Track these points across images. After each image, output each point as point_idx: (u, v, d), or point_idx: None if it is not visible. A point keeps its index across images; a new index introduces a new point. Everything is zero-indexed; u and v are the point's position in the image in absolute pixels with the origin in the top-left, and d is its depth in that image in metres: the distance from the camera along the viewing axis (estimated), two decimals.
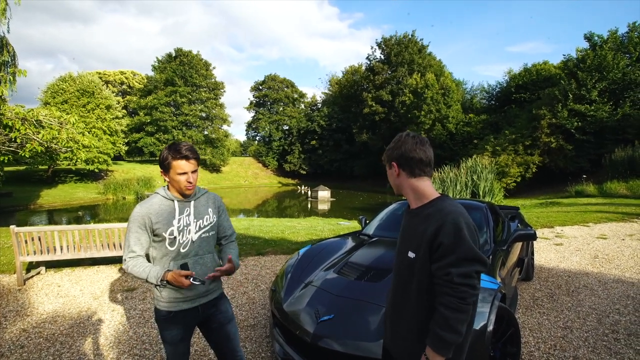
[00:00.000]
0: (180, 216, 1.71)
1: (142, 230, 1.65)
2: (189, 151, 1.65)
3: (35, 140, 9.29)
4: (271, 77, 50.81)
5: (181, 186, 1.67)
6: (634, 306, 3.64)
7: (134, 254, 1.65)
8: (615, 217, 9.33)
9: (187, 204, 1.75)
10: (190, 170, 1.67)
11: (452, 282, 1.11)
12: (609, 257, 5.54)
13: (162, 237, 1.67)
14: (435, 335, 1.13)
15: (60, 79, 27.06)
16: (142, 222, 1.65)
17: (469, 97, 36.89)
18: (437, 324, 1.14)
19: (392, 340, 1.36)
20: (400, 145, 1.32)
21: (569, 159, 20.22)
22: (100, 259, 5.36)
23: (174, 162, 1.63)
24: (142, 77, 47.28)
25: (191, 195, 1.75)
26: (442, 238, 1.15)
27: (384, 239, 3.48)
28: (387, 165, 1.38)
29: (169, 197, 1.73)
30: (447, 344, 1.12)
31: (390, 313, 1.39)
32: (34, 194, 21.13)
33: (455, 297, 1.11)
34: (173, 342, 1.75)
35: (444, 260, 1.14)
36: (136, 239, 1.65)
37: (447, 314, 1.11)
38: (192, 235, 1.74)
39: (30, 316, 3.55)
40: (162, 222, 1.67)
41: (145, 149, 38.12)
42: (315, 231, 8.05)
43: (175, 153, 1.63)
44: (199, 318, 1.80)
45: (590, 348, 2.83)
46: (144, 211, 1.66)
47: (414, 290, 1.25)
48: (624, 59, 19.75)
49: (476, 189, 15.13)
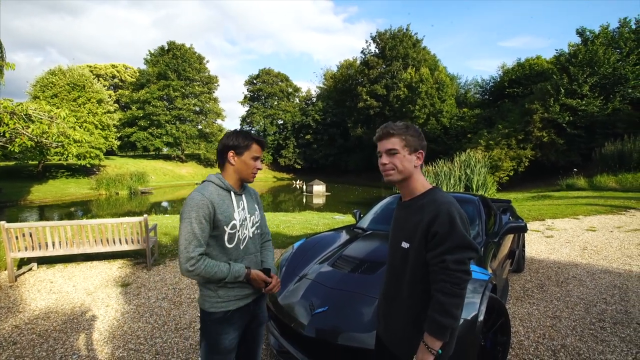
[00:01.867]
0: (238, 209, 1.59)
1: (205, 221, 1.45)
2: (262, 138, 1.64)
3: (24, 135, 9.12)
4: (265, 71, 50.38)
5: (251, 171, 1.59)
6: (620, 296, 3.74)
7: (202, 250, 1.44)
8: (604, 209, 9.50)
9: (240, 197, 1.63)
10: (261, 156, 1.64)
11: (448, 268, 1.15)
12: (598, 248, 5.66)
13: (221, 231, 1.51)
14: (433, 320, 1.16)
15: (50, 72, 26.51)
16: (206, 212, 1.44)
17: (463, 92, 37.02)
18: (434, 309, 1.16)
19: (385, 329, 1.39)
20: (423, 137, 1.35)
21: (560, 152, 20.48)
22: (94, 254, 5.33)
23: (254, 144, 1.57)
24: (134, 71, 46.56)
25: (242, 187, 1.67)
26: (437, 227, 1.18)
27: (378, 232, 3.51)
28: (406, 150, 1.29)
29: (225, 186, 1.57)
30: (445, 329, 1.15)
31: (383, 303, 1.42)
32: (24, 189, 20.80)
33: (451, 282, 1.15)
34: (229, 348, 1.56)
35: (439, 248, 1.17)
36: (200, 231, 1.43)
37: (443, 300, 1.15)
38: (249, 231, 1.63)
39: (23, 313, 3.52)
40: (223, 213, 1.51)
41: (138, 143, 37.71)
42: (310, 225, 8.07)
43: (253, 136, 1.59)
44: (249, 317, 1.66)
45: (577, 336, 2.90)
46: (207, 198, 1.46)
47: (407, 280, 1.28)
48: (615, 54, 19.95)
49: (470, 183, 15.27)
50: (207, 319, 1.56)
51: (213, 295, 1.54)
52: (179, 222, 1.50)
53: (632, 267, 4.66)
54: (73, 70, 26.94)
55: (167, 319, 3.32)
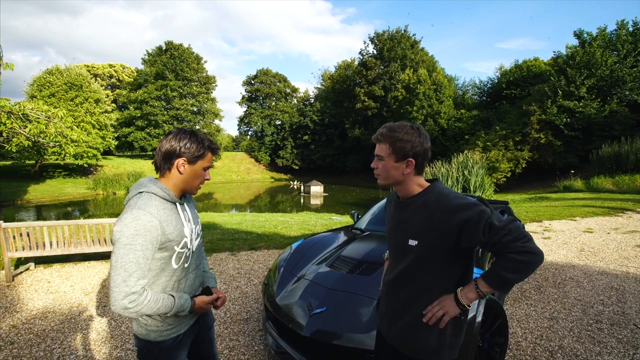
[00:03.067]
0: (185, 222, 1.38)
1: (152, 247, 1.23)
2: (214, 143, 1.42)
3: (22, 135, 9.08)
4: (263, 72, 50.38)
5: (198, 183, 1.40)
6: (617, 297, 3.76)
7: (144, 282, 1.21)
8: (601, 211, 9.55)
9: (183, 206, 1.42)
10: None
11: (500, 228, 1.13)
12: (595, 250, 5.69)
13: (172, 252, 1.30)
14: (495, 274, 1.16)
15: (47, 71, 26.43)
16: (154, 235, 1.22)
17: (461, 93, 37.17)
18: (502, 266, 1.14)
19: (389, 327, 1.38)
20: (422, 141, 1.26)
21: (557, 154, 20.59)
22: (91, 254, 5.31)
23: (209, 153, 1.38)
24: (132, 71, 46.48)
25: (184, 195, 1.46)
26: (464, 214, 1.16)
27: (376, 233, 3.51)
28: (392, 157, 1.27)
29: (170, 197, 1.33)
30: (508, 282, 1.16)
31: (387, 301, 1.41)
32: (20, 189, 20.69)
33: (515, 238, 1.12)
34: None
35: (480, 225, 1.14)
36: (145, 259, 1.20)
37: (518, 258, 1.12)
38: (194, 245, 1.43)
39: (20, 312, 3.50)
40: (174, 231, 1.30)
41: (136, 143, 37.59)
42: (308, 226, 8.08)
43: (210, 143, 1.38)
44: (197, 328, 1.52)
45: (575, 337, 2.92)
46: (156, 217, 1.23)
47: (415, 277, 1.28)
48: (612, 57, 20.09)
49: (467, 184, 15.31)
50: (153, 350, 1.34)
51: (160, 324, 1.33)
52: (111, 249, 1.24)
53: (629, 269, 4.69)
54: (70, 69, 26.86)
55: None
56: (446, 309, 1.22)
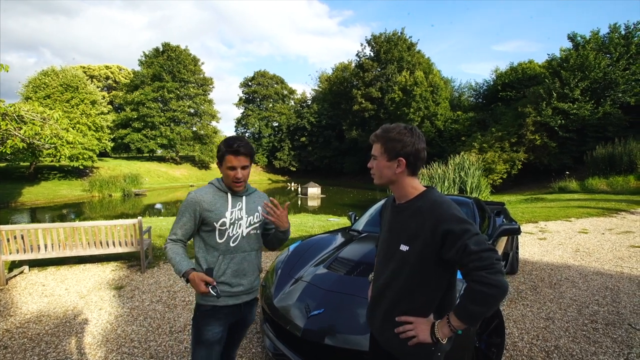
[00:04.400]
0: (232, 209, 1.70)
1: (190, 216, 1.65)
2: (241, 146, 1.61)
3: (17, 136, 9.01)
4: (261, 73, 50.39)
5: (229, 181, 1.67)
6: (611, 297, 3.79)
7: (174, 237, 1.67)
8: (596, 212, 9.64)
9: (239, 198, 1.74)
10: (240, 165, 1.63)
11: (473, 252, 1.11)
12: (590, 250, 5.74)
13: (212, 227, 1.65)
14: (463, 307, 1.14)
15: (43, 73, 26.22)
16: (193, 209, 1.64)
17: (457, 95, 37.40)
18: (468, 297, 1.13)
19: (378, 329, 1.39)
20: (414, 142, 1.27)
21: (552, 155, 20.76)
22: (87, 257, 5.27)
23: (227, 155, 1.62)
24: (129, 72, 46.24)
25: (243, 190, 1.75)
26: (448, 226, 1.16)
27: (373, 234, 3.52)
28: (384, 157, 1.30)
29: (222, 188, 1.72)
30: (475, 316, 1.13)
31: (375, 303, 1.42)
32: (15, 191, 20.49)
33: (484, 267, 1.10)
34: (212, 340, 1.65)
35: (458, 243, 1.14)
36: (182, 223, 1.66)
37: (479, 288, 1.10)
38: (243, 230, 1.72)
39: (14, 316, 3.47)
40: (214, 211, 1.65)
41: (132, 145, 37.40)
42: (305, 227, 8.07)
43: (227, 146, 1.62)
44: (237, 317, 1.76)
45: (570, 337, 2.94)
46: (197, 198, 1.65)
47: (403, 281, 1.28)
48: (605, 59, 20.33)
49: (464, 186, 15.37)
50: (196, 310, 1.71)
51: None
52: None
53: (624, 269, 4.73)
54: (66, 71, 26.68)
55: (162, 322, 3.29)
56: (418, 333, 1.22)
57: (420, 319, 1.25)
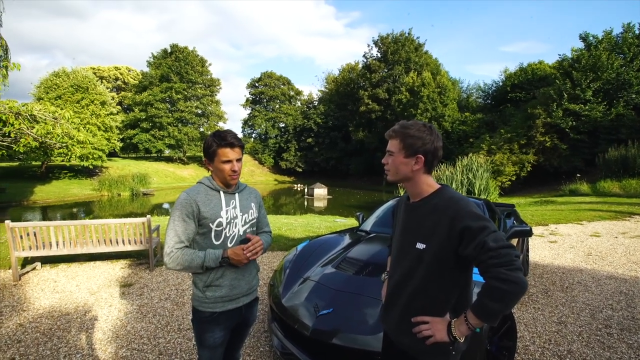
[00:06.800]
0: (227, 208, 1.63)
1: (189, 218, 1.54)
2: (234, 138, 1.58)
3: (29, 135, 9.18)
4: (267, 74, 50.56)
5: (225, 175, 1.60)
6: (626, 302, 3.70)
7: (181, 245, 1.52)
8: (608, 215, 9.45)
9: (233, 196, 1.68)
10: (235, 158, 1.59)
11: (492, 249, 1.09)
12: (602, 254, 5.62)
13: (208, 229, 1.58)
14: (481, 304, 1.12)
15: (54, 74, 26.66)
16: (189, 210, 1.54)
17: (465, 96, 37.05)
18: (486, 294, 1.11)
19: (392, 327, 1.38)
20: (433, 140, 1.26)
21: (563, 158, 20.43)
22: (97, 254, 5.34)
23: (220, 149, 1.56)
24: (137, 73, 46.79)
25: (235, 186, 1.69)
26: (466, 223, 1.15)
27: (381, 235, 3.50)
28: (402, 153, 1.28)
29: (214, 187, 1.64)
30: (493, 314, 1.11)
31: (391, 302, 1.40)
32: (27, 190, 20.88)
33: (502, 264, 1.08)
34: (214, 345, 1.64)
35: (477, 239, 1.13)
36: (183, 228, 1.53)
37: (498, 285, 1.09)
38: (239, 229, 1.67)
39: (27, 311, 3.52)
40: (209, 211, 1.58)
41: (140, 145, 37.82)
42: (312, 228, 8.07)
43: (220, 140, 1.56)
44: (239, 319, 1.73)
45: (584, 342, 2.88)
46: (191, 197, 1.56)
47: (418, 279, 1.27)
48: (618, 60, 19.95)
49: (472, 188, 15.20)
50: (195, 316, 1.66)
51: (201, 295, 1.61)
52: None
53: (639, 274, 4.63)
54: (77, 72, 27.09)
55: (170, 319, 3.31)
56: (434, 332, 1.21)
57: (436, 318, 1.23)
